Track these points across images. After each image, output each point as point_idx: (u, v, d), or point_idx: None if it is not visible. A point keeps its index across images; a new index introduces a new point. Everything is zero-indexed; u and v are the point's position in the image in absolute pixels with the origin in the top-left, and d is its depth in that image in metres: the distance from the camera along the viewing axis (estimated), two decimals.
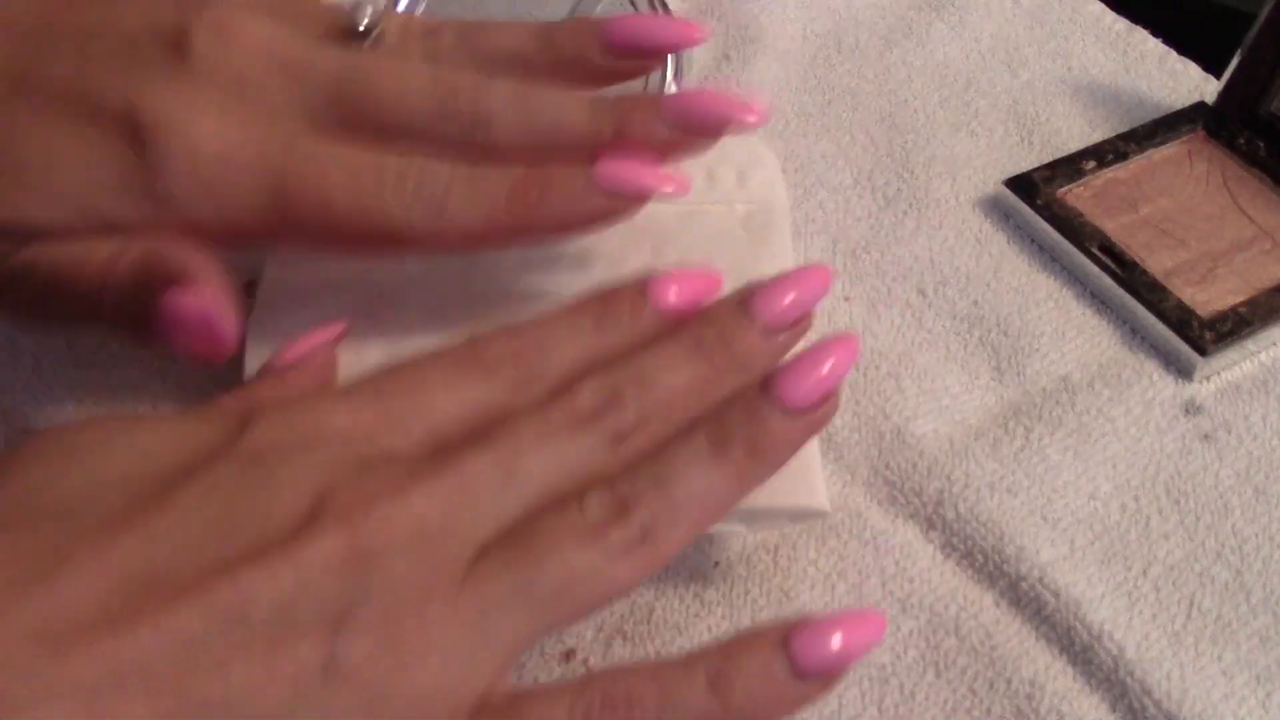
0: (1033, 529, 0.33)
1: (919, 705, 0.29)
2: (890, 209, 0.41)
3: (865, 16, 0.49)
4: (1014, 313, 0.38)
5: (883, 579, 0.32)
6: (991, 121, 0.45)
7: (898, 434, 0.35)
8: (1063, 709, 0.29)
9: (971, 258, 0.40)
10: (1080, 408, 0.35)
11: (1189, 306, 0.37)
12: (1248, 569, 0.32)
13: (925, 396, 0.36)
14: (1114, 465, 0.34)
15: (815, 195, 0.42)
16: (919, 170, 0.43)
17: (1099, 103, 0.45)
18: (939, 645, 0.30)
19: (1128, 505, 0.33)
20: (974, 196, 0.42)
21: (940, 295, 0.39)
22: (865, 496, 0.34)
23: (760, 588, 0.31)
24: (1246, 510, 0.33)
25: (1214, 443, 0.35)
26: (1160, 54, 0.47)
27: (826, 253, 0.40)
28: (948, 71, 0.47)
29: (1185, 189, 0.41)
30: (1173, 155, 0.42)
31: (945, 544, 0.33)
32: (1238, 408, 0.36)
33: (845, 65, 0.47)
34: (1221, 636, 0.31)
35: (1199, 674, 0.30)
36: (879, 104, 0.45)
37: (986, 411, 0.36)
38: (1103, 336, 0.38)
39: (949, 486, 0.33)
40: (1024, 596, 0.31)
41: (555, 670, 0.30)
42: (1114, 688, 0.30)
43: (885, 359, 0.37)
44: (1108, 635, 0.30)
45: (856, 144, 0.44)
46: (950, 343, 0.37)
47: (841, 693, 0.30)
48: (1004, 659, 0.30)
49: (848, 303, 0.38)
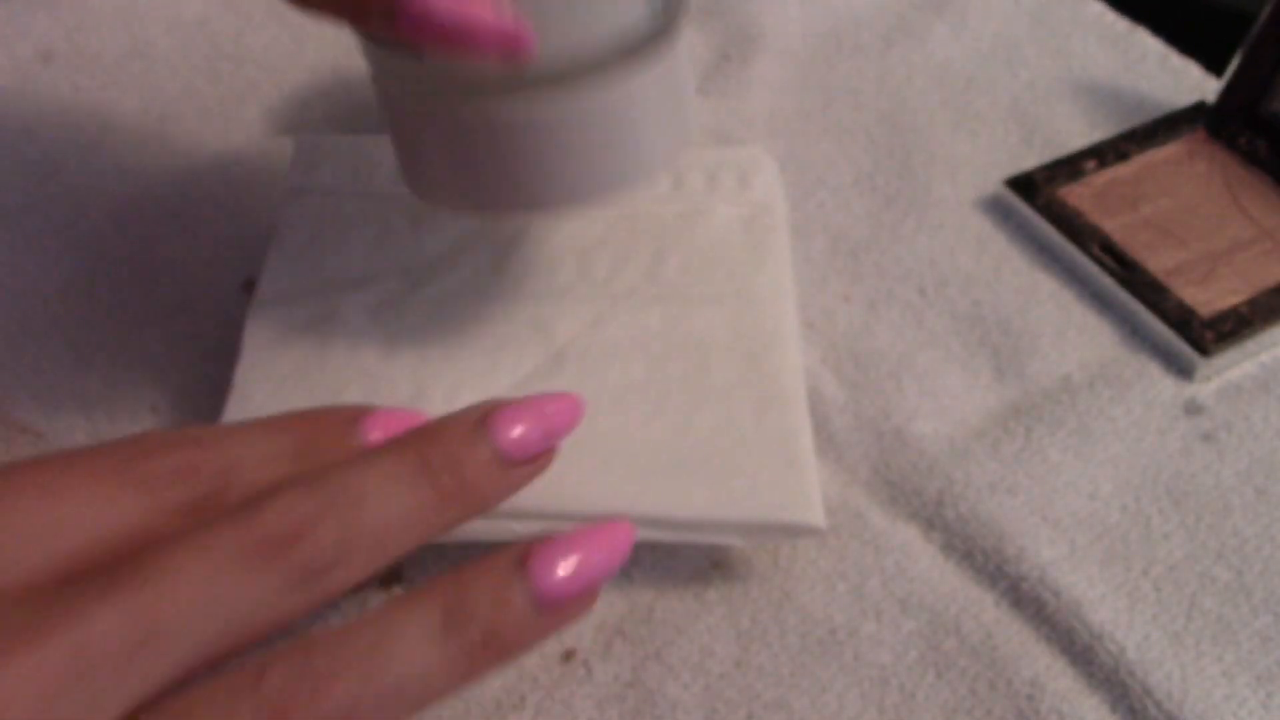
0: (1033, 529, 0.33)
1: (919, 706, 0.29)
2: (890, 209, 0.41)
3: (865, 16, 0.49)
4: (1014, 313, 0.38)
5: (883, 579, 0.32)
6: (992, 121, 0.45)
7: (898, 434, 0.35)
8: (1063, 709, 0.29)
9: (972, 258, 0.40)
10: (1081, 408, 0.35)
11: (1190, 306, 0.37)
12: (1249, 569, 0.32)
13: (925, 396, 0.36)
14: (1115, 465, 0.34)
15: (815, 195, 0.42)
16: (919, 170, 0.43)
17: (1099, 102, 0.45)
18: (939, 646, 0.30)
19: (1128, 505, 0.33)
20: (974, 196, 0.42)
21: (940, 295, 0.39)
22: (865, 496, 0.33)
23: (760, 588, 0.31)
24: (1247, 510, 0.33)
25: (1215, 443, 0.35)
26: (1161, 54, 0.47)
27: (826, 253, 0.40)
28: (948, 71, 0.47)
29: (1186, 189, 0.41)
30: (1173, 155, 0.42)
31: (946, 544, 0.33)
32: (1238, 408, 0.36)
33: (845, 65, 0.47)
34: (1222, 637, 0.31)
35: (1200, 674, 0.30)
36: (879, 104, 0.45)
37: (987, 411, 0.36)
38: (1103, 336, 0.37)
39: (949, 486, 0.33)
40: (1025, 597, 0.31)
41: (555, 670, 0.30)
42: (1115, 688, 0.30)
43: (885, 359, 0.37)
44: (1108, 636, 0.30)
45: (856, 144, 0.44)
46: (950, 343, 0.37)
47: (842, 693, 0.30)
48: (1005, 659, 0.30)
49: (848, 303, 0.38)
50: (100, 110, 0.44)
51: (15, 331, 0.37)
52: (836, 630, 0.31)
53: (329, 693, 0.20)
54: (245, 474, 0.23)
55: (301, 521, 0.21)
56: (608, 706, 0.29)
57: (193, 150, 0.43)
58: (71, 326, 0.37)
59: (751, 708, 0.29)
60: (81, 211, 0.40)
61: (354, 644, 0.21)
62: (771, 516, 0.30)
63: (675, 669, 0.30)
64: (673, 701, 0.29)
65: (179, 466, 0.22)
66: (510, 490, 0.25)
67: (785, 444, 0.31)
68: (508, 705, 0.29)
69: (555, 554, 0.23)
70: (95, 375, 0.36)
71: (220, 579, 0.20)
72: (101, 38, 0.47)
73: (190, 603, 0.20)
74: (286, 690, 0.20)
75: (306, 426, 0.25)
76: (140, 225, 0.40)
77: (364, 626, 0.22)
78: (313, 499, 0.22)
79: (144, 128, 0.44)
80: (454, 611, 0.22)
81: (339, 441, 0.25)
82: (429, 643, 0.22)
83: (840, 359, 0.37)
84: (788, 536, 0.30)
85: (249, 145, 0.43)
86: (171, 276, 0.38)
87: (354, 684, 0.20)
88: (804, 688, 0.30)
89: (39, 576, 0.20)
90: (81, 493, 0.21)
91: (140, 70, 0.46)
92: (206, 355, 0.36)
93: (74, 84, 0.45)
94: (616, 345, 0.33)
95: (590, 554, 0.24)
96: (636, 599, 0.31)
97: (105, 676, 0.19)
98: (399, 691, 0.21)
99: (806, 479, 0.30)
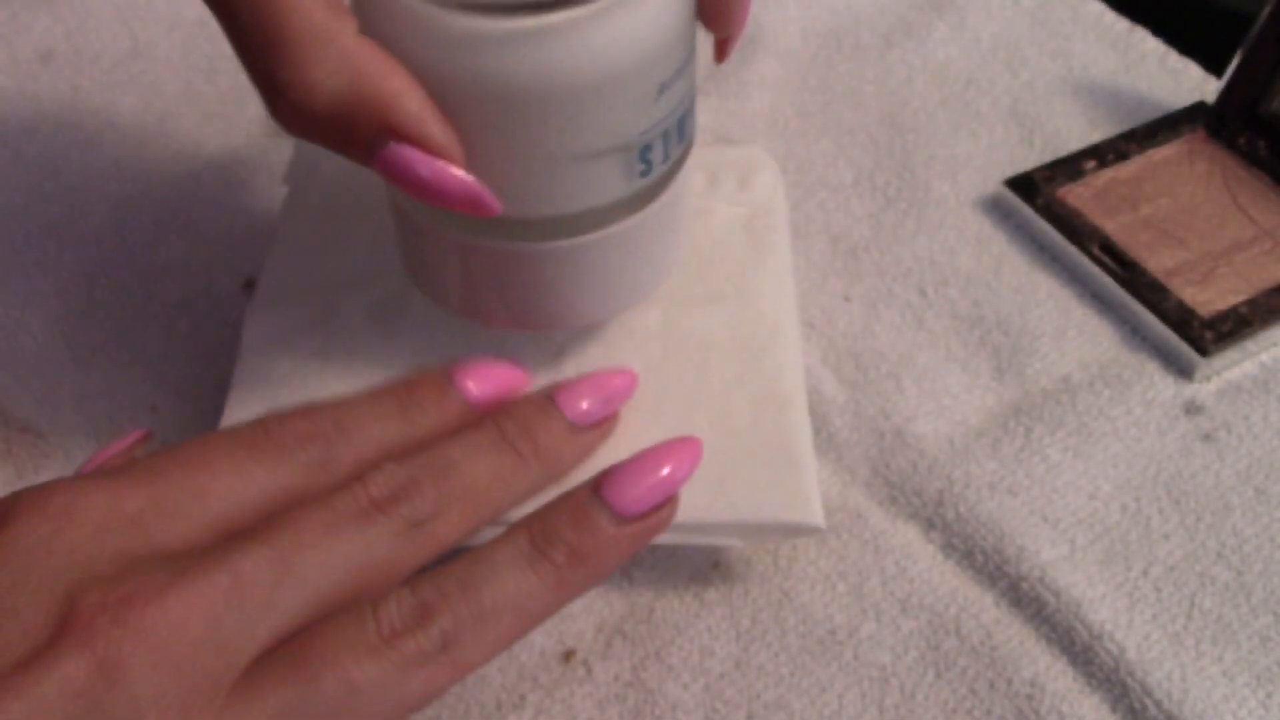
0: (1033, 529, 0.33)
1: (919, 706, 0.29)
2: (890, 209, 0.41)
3: (865, 16, 0.49)
4: (1014, 313, 0.38)
5: (883, 579, 0.32)
6: (991, 121, 0.45)
7: (898, 434, 0.35)
8: (1063, 709, 0.29)
9: (971, 258, 0.40)
10: (1080, 408, 0.35)
11: (1189, 306, 0.37)
12: (1248, 569, 0.32)
13: (925, 396, 0.36)
14: (1114, 465, 0.34)
15: (815, 195, 0.42)
16: (919, 170, 0.43)
17: (1099, 103, 0.45)
18: (939, 646, 0.30)
19: (1128, 505, 0.33)
20: (974, 196, 0.42)
21: (940, 295, 0.39)
22: (865, 496, 0.34)
23: (760, 588, 0.31)
24: (1247, 510, 0.33)
25: (1214, 443, 0.35)
26: (1160, 54, 0.47)
27: (826, 253, 0.40)
28: (948, 71, 0.47)
29: (1186, 189, 0.41)
30: (1173, 155, 0.42)
31: (945, 544, 0.33)
32: (1238, 408, 0.36)
33: (845, 65, 0.47)
34: (1222, 637, 0.31)
35: (1199, 674, 0.30)
36: (879, 104, 0.45)
37: (986, 411, 0.36)
38: (1103, 336, 0.37)
39: (949, 486, 0.33)
40: (1024, 597, 0.31)
41: (555, 670, 0.30)
42: (1114, 688, 0.30)
43: (885, 359, 0.37)
44: (1108, 635, 0.30)
45: (856, 144, 0.44)
46: (950, 343, 0.37)
47: (842, 693, 0.30)
48: (1004, 659, 0.30)
49: (848, 303, 0.38)
50: (100, 110, 0.44)
51: (15, 331, 0.37)
52: (836, 630, 0.31)
53: (435, 619, 0.24)
54: (359, 431, 0.26)
55: (404, 484, 0.25)
56: (608, 706, 0.29)
57: (193, 150, 0.43)
58: (71, 326, 0.37)
59: (751, 708, 0.29)
60: (81, 211, 0.40)
61: (454, 571, 0.25)
62: (771, 517, 0.30)
63: (675, 669, 0.30)
64: (673, 701, 0.29)
65: (301, 433, 0.26)
66: (582, 452, 0.29)
67: (784, 444, 0.31)
68: (508, 705, 0.29)
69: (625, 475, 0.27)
70: (95, 375, 0.36)
71: (342, 530, 0.24)
72: (101, 38, 0.47)
73: (320, 548, 0.23)
74: (399, 617, 0.24)
75: (405, 387, 0.28)
76: (140, 225, 0.40)
77: (463, 557, 0.25)
78: (409, 466, 0.25)
79: (144, 128, 0.44)
80: (538, 537, 0.26)
81: (437, 394, 0.28)
82: (520, 566, 0.25)
83: (840, 359, 0.37)
84: (787, 536, 0.30)
85: (249, 145, 0.43)
86: (171, 276, 0.38)
87: (459, 606, 0.24)
88: (804, 688, 0.30)
89: (195, 536, 0.23)
90: (224, 463, 0.25)
91: (140, 70, 0.46)
92: (206, 355, 0.36)
93: (74, 84, 0.45)
94: (615, 345, 0.33)
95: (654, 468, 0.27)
96: (636, 599, 0.31)
97: (255, 606, 0.22)
98: (498, 611, 0.24)
99: (806, 479, 0.30)
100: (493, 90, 0.25)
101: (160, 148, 0.43)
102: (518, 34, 0.24)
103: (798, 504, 0.30)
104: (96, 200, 0.41)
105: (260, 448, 0.25)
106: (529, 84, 0.24)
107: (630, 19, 0.25)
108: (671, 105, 0.27)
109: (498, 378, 0.29)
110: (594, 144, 0.26)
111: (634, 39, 0.25)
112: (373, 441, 0.26)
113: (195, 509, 0.24)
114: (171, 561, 0.22)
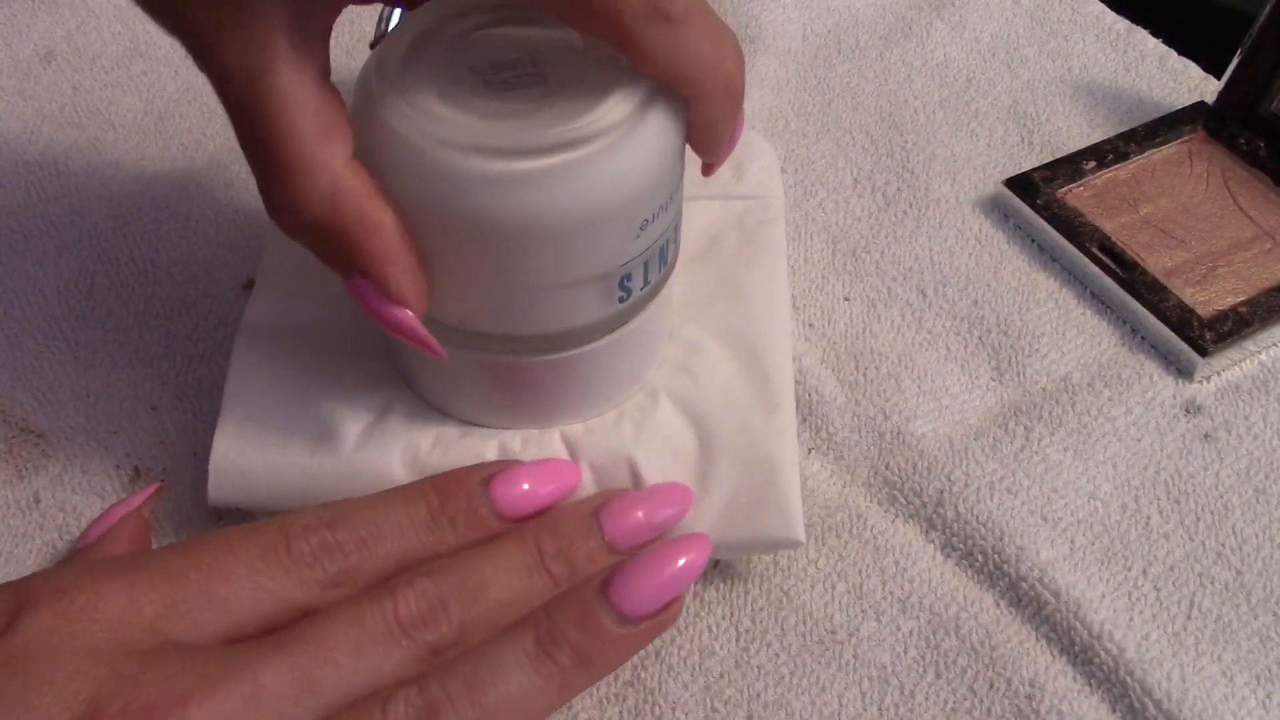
0: (1033, 529, 0.33)
1: (919, 705, 0.29)
2: (890, 209, 0.41)
3: (865, 16, 0.49)
4: (1014, 313, 0.38)
5: (883, 579, 0.32)
6: (991, 121, 0.45)
7: (898, 434, 0.35)
8: (1063, 709, 0.29)
9: (971, 258, 0.40)
10: (1080, 408, 0.35)
11: (1189, 306, 0.37)
12: (1248, 569, 0.32)
13: (925, 396, 0.36)
14: (1114, 465, 0.34)
15: (815, 195, 0.42)
16: (919, 170, 0.43)
17: (1099, 103, 0.45)
18: (939, 645, 0.30)
19: (1128, 505, 0.33)
20: (974, 196, 0.42)
21: (940, 295, 0.39)
22: (865, 496, 0.34)
23: (760, 588, 0.31)
24: (1247, 510, 0.33)
25: (1214, 443, 0.35)
26: (1160, 54, 0.47)
27: (826, 253, 0.40)
28: (948, 71, 0.47)
29: (1185, 189, 0.41)
30: (1173, 155, 0.42)
31: (945, 544, 0.33)
32: (1238, 408, 0.36)
33: (845, 65, 0.47)
34: (1222, 637, 0.31)
35: (1199, 674, 0.30)
36: (879, 104, 0.45)
37: (986, 411, 0.36)
38: (1103, 336, 0.37)
39: (949, 486, 0.33)
40: (1024, 596, 0.31)
41: None
42: (1114, 688, 0.30)
43: (885, 359, 0.37)
44: (1108, 635, 0.30)
45: (856, 144, 0.44)
46: (950, 343, 0.37)
47: (842, 693, 0.30)
48: (1004, 659, 0.30)
49: (848, 303, 0.38)
50: (100, 110, 0.44)
51: (15, 331, 0.37)
52: (836, 630, 0.31)
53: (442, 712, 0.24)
54: (383, 544, 0.26)
55: (433, 605, 0.25)
56: (608, 706, 0.29)
57: (193, 150, 0.43)
58: (71, 326, 0.37)
59: (751, 708, 0.29)
60: (81, 211, 0.40)
61: (460, 672, 0.24)
62: (751, 533, 0.30)
63: (675, 668, 0.30)
64: (673, 701, 0.29)
65: (322, 546, 0.26)
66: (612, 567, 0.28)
67: (768, 455, 0.30)
68: None
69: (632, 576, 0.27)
70: (95, 375, 0.36)
71: (367, 648, 0.24)
72: (101, 38, 0.47)
73: (343, 667, 0.24)
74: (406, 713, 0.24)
75: (437, 495, 0.28)
76: (140, 225, 0.40)
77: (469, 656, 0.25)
78: (440, 588, 0.25)
79: (144, 128, 0.44)
80: (544, 638, 0.25)
81: (468, 510, 0.28)
82: (525, 667, 0.25)
83: (840, 359, 0.37)
84: (768, 551, 0.30)
85: None
86: (171, 276, 0.38)
87: (464, 708, 0.24)
88: (804, 687, 0.30)
89: (208, 641, 0.24)
90: (241, 571, 0.25)
91: (140, 70, 0.46)
92: (206, 355, 0.36)
93: (74, 84, 0.45)
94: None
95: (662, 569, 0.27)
96: None
97: (273, 718, 0.23)
98: (501, 712, 0.24)
99: (787, 493, 0.30)
100: (478, 226, 0.25)
101: (160, 148, 0.43)
102: (507, 177, 0.24)
103: (777, 520, 0.30)
104: (96, 200, 0.41)
105: (280, 562, 0.25)
106: (515, 223, 0.25)
107: (616, 164, 0.25)
108: (654, 238, 0.28)
109: (536, 498, 0.28)
110: (574, 275, 0.27)
111: (619, 183, 0.25)
112: (395, 556, 0.26)
113: (208, 617, 0.24)
114: (193, 663, 0.23)
